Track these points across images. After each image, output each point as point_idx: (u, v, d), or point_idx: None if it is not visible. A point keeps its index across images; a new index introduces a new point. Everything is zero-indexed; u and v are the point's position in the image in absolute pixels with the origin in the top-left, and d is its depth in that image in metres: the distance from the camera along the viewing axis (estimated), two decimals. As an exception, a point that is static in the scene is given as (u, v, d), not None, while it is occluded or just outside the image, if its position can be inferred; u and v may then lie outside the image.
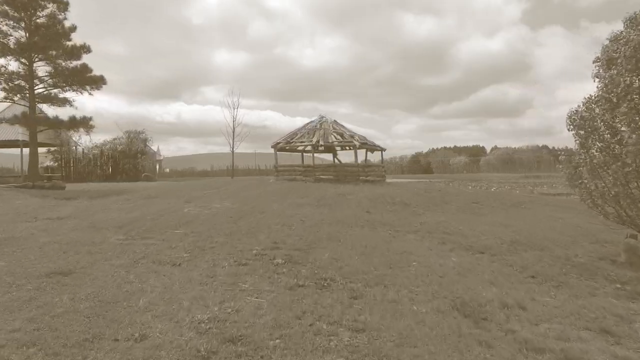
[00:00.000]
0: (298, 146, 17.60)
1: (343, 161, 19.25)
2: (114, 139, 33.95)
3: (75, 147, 34.04)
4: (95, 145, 33.37)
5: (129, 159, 32.92)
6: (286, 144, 17.67)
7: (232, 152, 30.09)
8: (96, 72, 18.88)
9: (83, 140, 34.02)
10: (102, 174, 32.22)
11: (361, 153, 18.32)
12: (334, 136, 17.24)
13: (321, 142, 16.53)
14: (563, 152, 7.35)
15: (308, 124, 19.14)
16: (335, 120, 19.31)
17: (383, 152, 19.09)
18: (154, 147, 38.49)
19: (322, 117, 19.30)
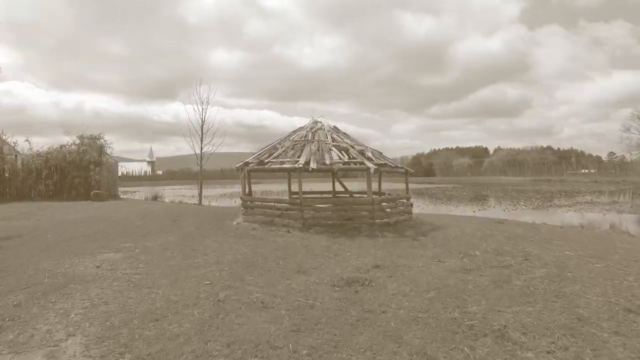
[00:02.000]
0: (278, 169, 11.14)
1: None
2: (62, 147, 27.37)
3: (16, 155, 27.68)
4: (39, 154, 26.84)
5: (80, 172, 26.46)
6: (259, 165, 11.25)
7: (200, 163, 23.26)
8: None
9: (21, 148, 27.61)
10: (46, 190, 25.85)
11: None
12: (335, 153, 10.87)
13: (313, 166, 10.09)
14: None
15: (296, 131, 12.74)
16: (335, 127, 12.89)
17: (409, 175, 12.59)
18: (115, 156, 31.76)
19: (317, 122, 12.90)
